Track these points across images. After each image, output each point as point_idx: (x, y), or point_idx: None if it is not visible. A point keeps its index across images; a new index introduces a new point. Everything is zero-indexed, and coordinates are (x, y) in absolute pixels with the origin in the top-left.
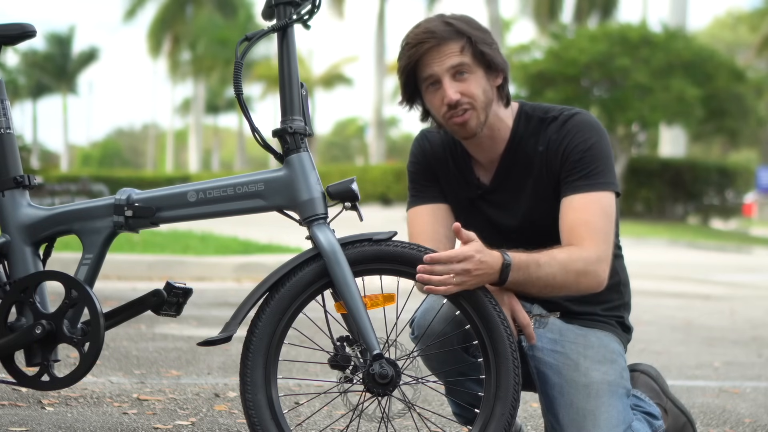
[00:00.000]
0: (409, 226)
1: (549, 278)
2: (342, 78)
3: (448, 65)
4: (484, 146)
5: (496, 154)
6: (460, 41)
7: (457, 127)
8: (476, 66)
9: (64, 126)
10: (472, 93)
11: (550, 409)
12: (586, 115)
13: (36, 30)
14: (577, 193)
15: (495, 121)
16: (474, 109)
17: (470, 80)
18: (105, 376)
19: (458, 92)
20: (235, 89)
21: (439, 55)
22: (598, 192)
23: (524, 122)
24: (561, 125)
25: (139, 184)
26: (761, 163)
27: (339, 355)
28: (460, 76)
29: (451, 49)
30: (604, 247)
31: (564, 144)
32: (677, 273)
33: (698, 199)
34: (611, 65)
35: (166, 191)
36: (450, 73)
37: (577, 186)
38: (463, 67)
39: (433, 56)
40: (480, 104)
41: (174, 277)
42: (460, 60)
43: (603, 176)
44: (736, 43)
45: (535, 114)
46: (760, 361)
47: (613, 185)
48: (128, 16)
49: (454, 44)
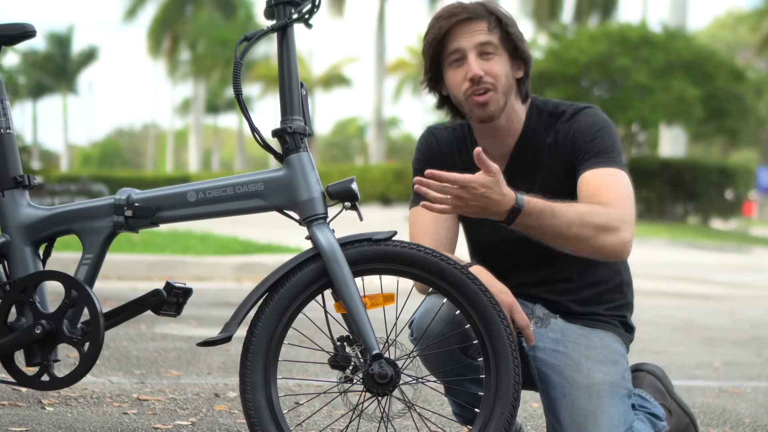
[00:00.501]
0: (411, 225)
1: (563, 227)
2: (342, 78)
3: (476, 41)
4: (497, 137)
5: (507, 148)
6: (490, 20)
7: (476, 107)
8: (502, 49)
9: (64, 126)
10: (496, 73)
11: (551, 409)
12: (596, 110)
13: (36, 30)
14: (592, 168)
15: (511, 113)
16: (495, 90)
17: (495, 61)
18: (105, 376)
19: (482, 69)
20: (234, 89)
21: (469, 30)
22: (613, 167)
23: (536, 116)
24: (569, 118)
25: (139, 184)
26: (761, 163)
27: (339, 355)
28: (486, 55)
29: (481, 26)
30: (629, 210)
31: (572, 132)
32: (677, 273)
33: (698, 199)
34: (611, 65)
35: (165, 191)
36: (477, 50)
37: (591, 163)
38: (489, 47)
39: (463, 30)
40: (501, 87)
41: (174, 277)
42: (488, 38)
43: (616, 155)
44: (736, 43)
45: (546, 108)
46: (760, 361)
47: (625, 167)
48: (128, 16)
49: (484, 22)
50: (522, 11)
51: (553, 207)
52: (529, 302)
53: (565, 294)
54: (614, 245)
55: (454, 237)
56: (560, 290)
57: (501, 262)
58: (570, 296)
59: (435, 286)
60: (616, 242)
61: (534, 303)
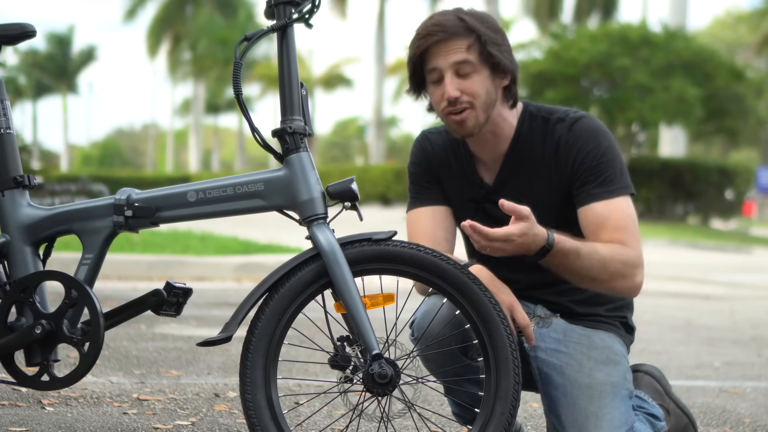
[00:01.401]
0: (409, 227)
1: (584, 269)
2: (342, 78)
3: (452, 60)
4: (488, 144)
5: (499, 153)
6: (468, 38)
7: (454, 125)
8: (482, 65)
9: (64, 126)
10: (473, 91)
11: (553, 409)
12: (592, 119)
13: (36, 30)
14: (599, 200)
15: (498, 121)
16: (473, 108)
17: (473, 79)
18: (105, 376)
19: (459, 89)
20: (234, 89)
21: (446, 49)
22: (618, 197)
23: (528, 122)
24: (569, 128)
25: (139, 184)
26: (761, 163)
27: (339, 355)
28: (463, 73)
29: (458, 44)
30: (641, 251)
31: (576, 148)
32: (677, 273)
33: (698, 199)
34: (611, 65)
35: (165, 191)
36: (453, 69)
37: (596, 194)
38: (466, 66)
39: (440, 49)
40: (480, 104)
41: (174, 277)
42: (465, 57)
43: (620, 180)
44: (736, 43)
45: (539, 114)
46: (760, 361)
47: (630, 187)
48: (128, 16)
49: (461, 40)
50: (522, 11)
51: (578, 249)
52: (531, 303)
53: (565, 295)
54: (629, 289)
55: (453, 238)
56: (560, 291)
57: (500, 265)
58: (570, 297)
59: (435, 286)
60: (631, 286)
61: (535, 305)
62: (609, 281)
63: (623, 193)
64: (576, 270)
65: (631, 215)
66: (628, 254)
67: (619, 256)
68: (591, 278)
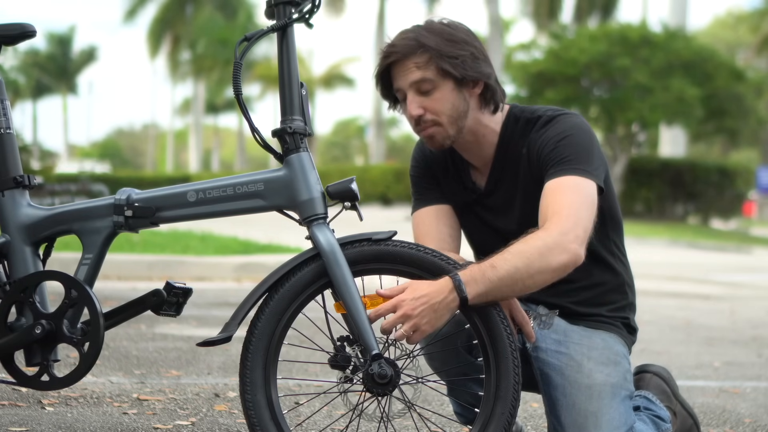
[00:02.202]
0: (414, 229)
1: (513, 272)
2: (343, 78)
3: (410, 80)
4: (473, 151)
5: (487, 158)
6: (422, 56)
7: (425, 139)
8: (443, 79)
9: (64, 126)
10: (435, 109)
11: (553, 410)
12: (570, 116)
13: (36, 30)
14: (551, 179)
15: (478, 128)
16: (438, 125)
17: (435, 95)
18: (105, 376)
19: (422, 107)
20: (234, 89)
21: (403, 69)
22: (569, 176)
23: (512, 124)
24: (543, 125)
25: (139, 184)
26: (761, 163)
27: (339, 355)
28: (424, 90)
29: (412, 63)
30: (568, 220)
31: (540, 140)
32: (677, 273)
33: (698, 199)
34: (611, 65)
35: (165, 191)
36: (413, 89)
37: (550, 173)
38: (426, 84)
39: (398, 70)
40: (447, 119)
41: (174, 277)
42: (422, 75)
43: (576, 162)
44: (736, 43)
45: (523, 116)
46: (760, 361)
47: (588, 173)
48: (128, 16)
49: (417, 58)
50: (522, 11)
51: (490, 261)
52: (532, 304)
53: (566, 296)
54: (564, 261)
55: (458, 235)
56: (561, 292)
57: None
58: (571, 298)
59: None
60: (565, 258)
61: (537, 305)
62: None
63: (577, 174)
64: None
65: (574, 188)
66: (539, 235)
67: (533, 240)
68: (528, 273)
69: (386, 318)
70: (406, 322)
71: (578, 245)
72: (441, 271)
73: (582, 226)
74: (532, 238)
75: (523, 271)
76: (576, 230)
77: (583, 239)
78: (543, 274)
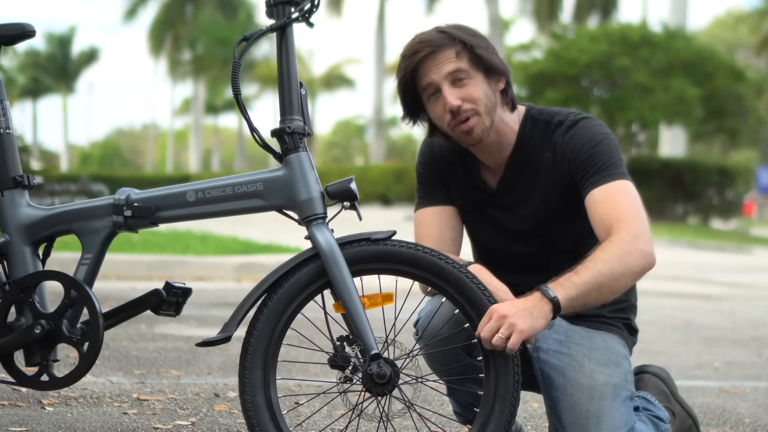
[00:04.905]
0: (416, 227)
1: (598, 276)
2: (343, 79)
3: (445, 71)
4: (491, 151)
5: (502, 159)
6: (455, 47)
7: (463, 135)
8: (475, 70)
9: (64, 126)
10: (473, 97)
11: (554, 410)
12: (591, 120)
13: (36, 30)
14: (595, 187)
15: (501, 126)
16: (478, 114)
17: (470, 85)
18: (105, 376)
19: (459, 98)
20: (233, 89)
21: (435, 62)
22: (615, 181)
23: (530, 126)
24: (567, 130)
25: (139, 184)
26: (761, 163)
27: (338, 355)
28: (459, 82)
29: (446, 55)
30: (636, 224)
31: (570, 146)
32: (677, 273)
33: (698, 199)
34: (611, 65)
35: (165, 191)
36: (449, 80)
37: (593, 182)
38: (461, 73)
39: (430, 64)
40: (484, 108)
41: (174, 277)
42: (456, 65)
43: (615, 167)
44: (736, 43)
45: (541, 118)
46: (760, 361)
47: (627, 176)
48: (128, 16)
49: (449, 50)
50: (522, 11)
51: (570, 272)
52: None
53: None
54: (642, 264)
55: (459, 238)
56: None
57: (504, 265)
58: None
59: (434, 285)
60: (643, 261)
61: None
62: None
63: (621, 178)
64: (592, 283)
65: (628, 193)
66: (614, 241)
67: (610, 246)
68: (612, 277)
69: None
70: (504, 323)
71: (651, 248)
72: (440, 270)
73: (647, 228)
74: (606, 246)
75: (608, 275)
76: (645, 233)
77: (651, 241)
78: (625, 277)
